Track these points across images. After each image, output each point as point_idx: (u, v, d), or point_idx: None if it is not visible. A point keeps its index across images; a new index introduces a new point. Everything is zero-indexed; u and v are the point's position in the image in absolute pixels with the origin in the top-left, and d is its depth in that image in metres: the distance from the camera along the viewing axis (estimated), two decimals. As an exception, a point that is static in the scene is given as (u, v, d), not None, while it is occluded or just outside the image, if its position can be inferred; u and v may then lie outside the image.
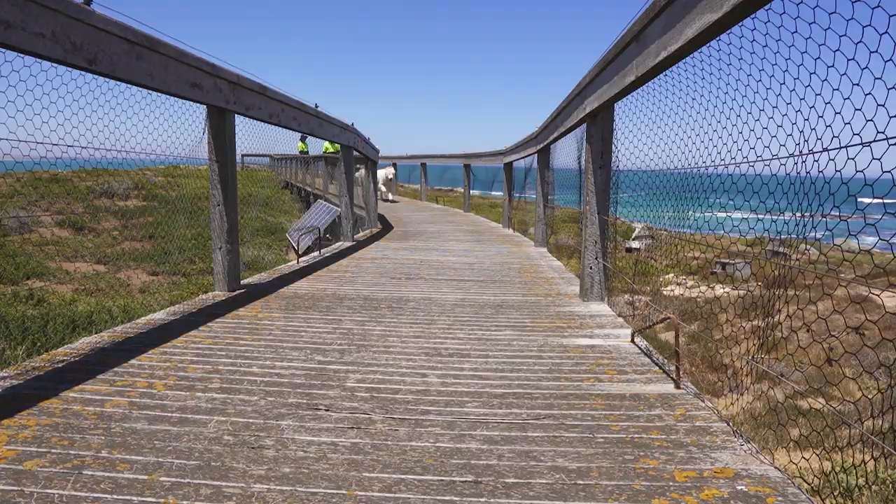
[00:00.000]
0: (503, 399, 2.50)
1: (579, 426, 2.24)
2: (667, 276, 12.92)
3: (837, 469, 3.66)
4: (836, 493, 3.71)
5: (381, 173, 18.54)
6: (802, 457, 2.73)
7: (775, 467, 1.92)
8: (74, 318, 5.93)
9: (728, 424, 2.26)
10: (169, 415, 2.27)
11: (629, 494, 1.76)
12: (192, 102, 4.09)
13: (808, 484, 3.11)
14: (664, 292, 11.38)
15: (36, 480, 1.76)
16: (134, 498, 1.68)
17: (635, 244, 12.31)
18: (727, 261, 10.97)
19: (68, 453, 1.93)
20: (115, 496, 1.69)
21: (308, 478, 1.83)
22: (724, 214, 2.81)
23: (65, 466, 1.85)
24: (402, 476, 1.86)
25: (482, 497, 1.74)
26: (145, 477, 1.80)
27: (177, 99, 3.95)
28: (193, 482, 1.78)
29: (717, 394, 7.02)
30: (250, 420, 2.24)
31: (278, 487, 1.77)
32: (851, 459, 3.68)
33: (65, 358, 2.91)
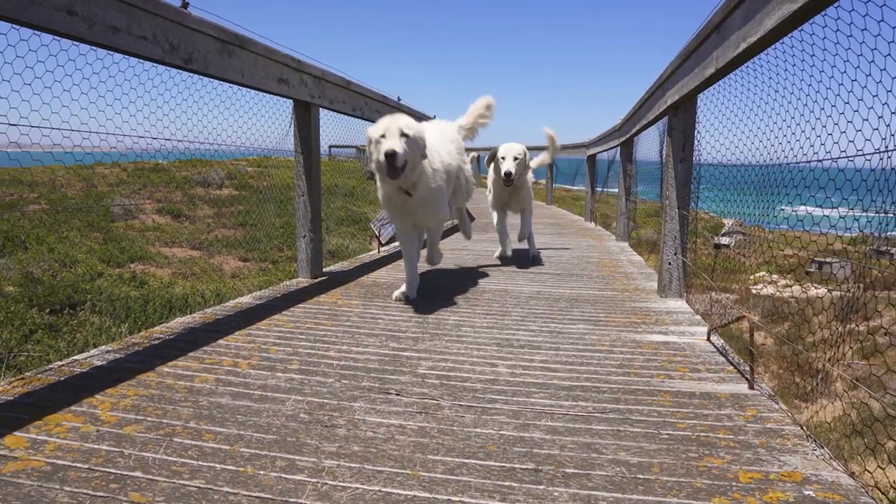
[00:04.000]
0: (570, 391, 2.52)
1: (644, 422, 2.23)
2: (757, 275, 12.39)
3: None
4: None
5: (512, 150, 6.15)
6: (877, 467, 2.60)
7: (849, 474, 1.86)
8: (171, 300, 6.34)
9: (802, 428, 2.19)
10: (251, 392, 2.43)
11: (689, 492, 1.75)
12: (278, 97, 4.28)
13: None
14: (753, 290, 10.92)
15: (133, 444, 1.94)
16: (216, 465, 1.83)
17: (725, 240, 11.86)
18: (824, 259, 10.40)
19: (161, 422, 2.12)
20: (200, 462, 1.84)
21: (376, 457, 1.92)
22: (823, 212, 2.61)
23: (158, 433, 2.03)
24: (465, 460, 1.92)
25: (541, 484, 1.78)
26: (227, 447, 1.95)
27: (264, 94, 4.14)
28: (270, 454, 1.92)
29: (805, 399, 6.70)
30: (325, 400, 2.37)
31: (347, 464, 1.87)
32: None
33: (161, 336, 3.15)
